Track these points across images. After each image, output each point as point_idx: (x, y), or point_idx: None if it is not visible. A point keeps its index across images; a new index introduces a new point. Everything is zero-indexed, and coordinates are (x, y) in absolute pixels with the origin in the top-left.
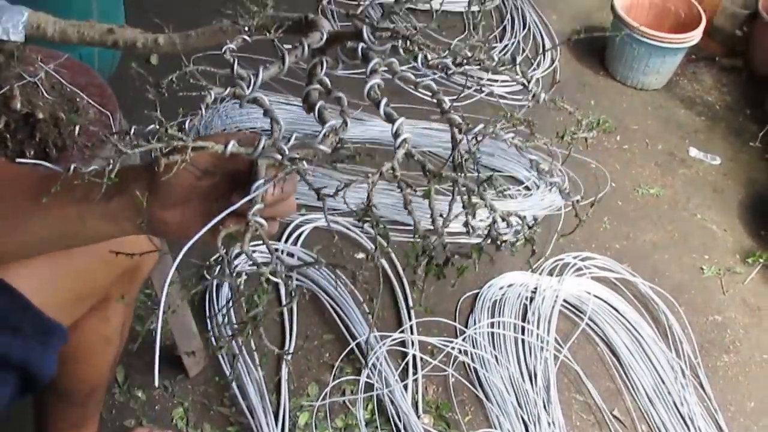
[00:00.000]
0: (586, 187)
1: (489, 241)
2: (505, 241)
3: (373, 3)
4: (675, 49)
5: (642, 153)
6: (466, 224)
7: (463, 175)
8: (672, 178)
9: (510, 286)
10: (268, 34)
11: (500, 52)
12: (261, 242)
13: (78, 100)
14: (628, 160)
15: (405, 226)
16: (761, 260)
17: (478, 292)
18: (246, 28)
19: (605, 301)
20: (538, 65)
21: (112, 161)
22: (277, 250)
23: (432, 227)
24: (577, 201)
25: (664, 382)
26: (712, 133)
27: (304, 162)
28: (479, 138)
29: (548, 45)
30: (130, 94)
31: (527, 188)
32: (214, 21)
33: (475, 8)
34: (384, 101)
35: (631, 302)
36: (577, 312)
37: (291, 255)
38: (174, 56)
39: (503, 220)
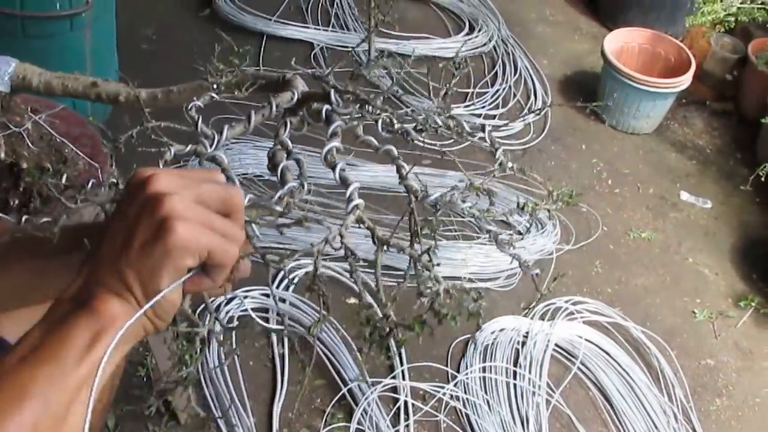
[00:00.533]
0: (578, 231)
1: (432, 312)
2: (446, 315)
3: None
4: (665, 94)
5: (633, 197)
6: (419, 294)
7: (418, 241)
8: (663, 222)
9: (502, 330)
10: (238, 91)
11: (491, 97)
12: (253, 288)
13: (67, 151)
14: (619, 204)
15: (395, 271)
16: (753, 304)
17: (470, 337)
18: (215, 86)
19: (597, 346)
20: (530, 110)
21: (61, 214)
22: (268, 296)
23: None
24: (537, 275)
25: (656, 427)
26: (703, 177)
27: (253, 225)
28: (438, 206)
29: (539, 89)
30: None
31: (519, 233)
32: (209, 63)
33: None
34: (340, 165)
35: (623, 346)
36: (569, 356)
37: (283, 300)
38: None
39: (447, 292)
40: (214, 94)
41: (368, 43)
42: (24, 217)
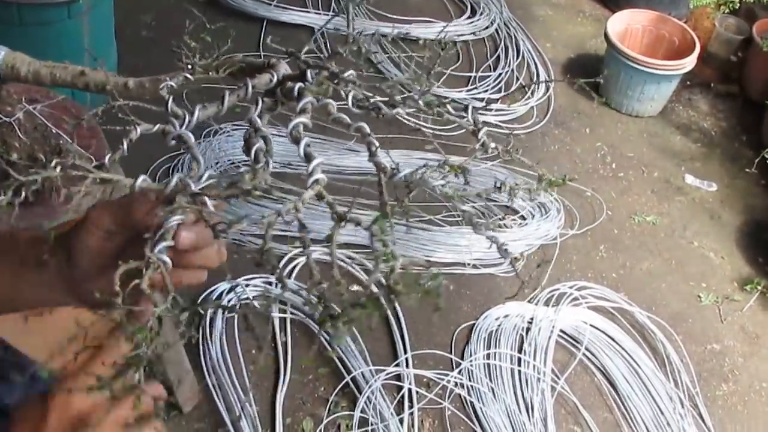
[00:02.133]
0: (582, 216)
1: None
2: (400, 294)
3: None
4: (669, 76)
5: (638, 180)
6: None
7: (388, 219)
8: (668, 206)
9: (506, 316)
10: (215, 74)
11: (494, 81)
12: (256, 276)
13: (61, 142)
14: (623, 187)
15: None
16: (759, 287)
17: (474, 323)
18: (190, 66)
19: (602, 331)
20: (533, 93)
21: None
22: (270, 283)
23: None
24: (516, 259)
25: (662, 413)
26: (708, 160)
27: (206, 200)
28: (410, 185)
29: (542, 73)
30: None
31: (522, 218)
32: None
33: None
34: (305, 141)
35: (629, 332)
36: (574, 342)
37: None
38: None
39: (403, 269)
40: (188, 75)
41: (347, 20)
42: None
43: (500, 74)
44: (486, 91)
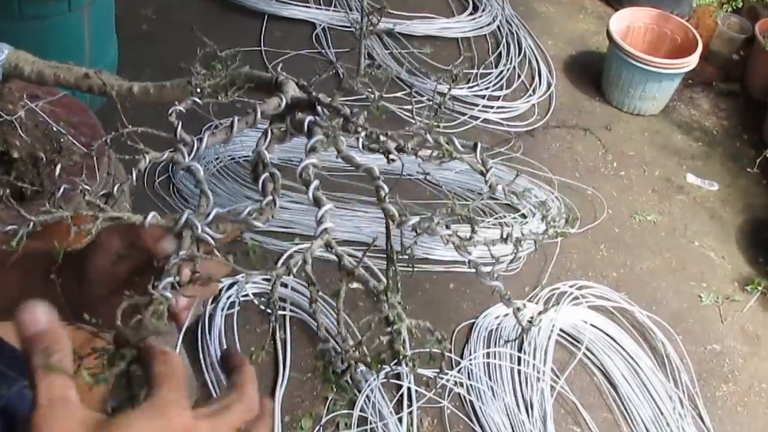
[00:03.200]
0: (583, 214)
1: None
2: (405, 356)
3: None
4: (671, 75)
5: (639, 179)
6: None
7: (394, 269)
8: (669, 205)
9: (506, 315)
10: (224, 96)
11: (495, 78)
12: (253, 272)
13: (63, 140)
14: (624, 186)
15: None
16: (760, 288)
17: (474, 322)
18: (199, 89)
19: (602, 331)
20: (534, 91)
21: (18, 228)
22: (268, 280)
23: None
24: (518, 309)
25: (662, 413)
26: (709, 159)
27: (211, 238)
28: (418, 231)
29: (544, 70)
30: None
31: (523, 216)
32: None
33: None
34: (314, 184)
35: (629, 331)
36: (574, 342)
37: (284, 285)
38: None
39: (410, 332)
40: (197, 99)
41: (358, 53)
42: None
43: (502, 71)
44: (487, 88)
